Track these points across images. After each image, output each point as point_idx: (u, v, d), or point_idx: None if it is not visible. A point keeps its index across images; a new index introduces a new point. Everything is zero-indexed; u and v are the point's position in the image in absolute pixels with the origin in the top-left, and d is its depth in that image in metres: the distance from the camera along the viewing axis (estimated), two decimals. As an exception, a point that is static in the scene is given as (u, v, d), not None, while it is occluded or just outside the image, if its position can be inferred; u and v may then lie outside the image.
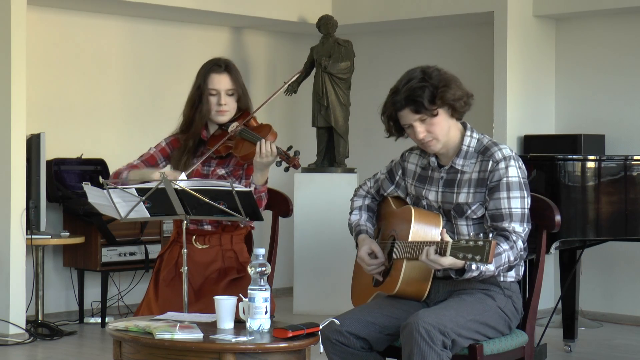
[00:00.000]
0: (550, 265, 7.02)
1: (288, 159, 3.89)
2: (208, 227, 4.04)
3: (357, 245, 3.80)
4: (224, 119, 4.07)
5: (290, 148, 3.93)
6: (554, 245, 5.27)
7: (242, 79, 4.15)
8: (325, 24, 7.64)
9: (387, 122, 3.62)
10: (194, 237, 4.01)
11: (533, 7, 7.35)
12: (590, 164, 5.35)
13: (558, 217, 3.62)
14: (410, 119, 3.53)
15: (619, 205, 5.33)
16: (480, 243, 3.22)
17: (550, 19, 7.52)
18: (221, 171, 4.03)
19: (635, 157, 5.41)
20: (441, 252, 3.31)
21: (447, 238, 3.32)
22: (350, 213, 3.89)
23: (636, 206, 5.35)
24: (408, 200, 3.76)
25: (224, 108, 4.05)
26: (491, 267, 3.37)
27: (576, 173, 5.33)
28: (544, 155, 5.74)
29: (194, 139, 4.07)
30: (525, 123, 7.35)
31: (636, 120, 7.20)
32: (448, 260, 3.30)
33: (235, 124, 4.04)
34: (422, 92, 3.48)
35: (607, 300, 7.25)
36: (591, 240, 5.45)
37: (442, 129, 3.53)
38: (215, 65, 4.09)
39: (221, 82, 4.06)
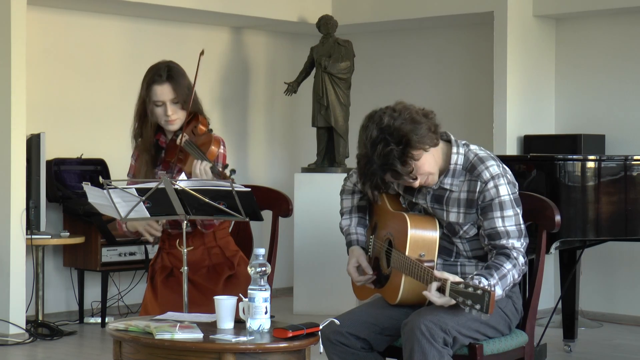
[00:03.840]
0: (550, 265, 7.02)
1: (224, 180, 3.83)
2: (189, 229, 4.03)
3: (348, 251, 3.80)
4: (174, 127, 4.01)
5: (226, 167, 3.86)
6: (554, 245, 5.27)
7: (188, 80, 4.02)
8: (325, 24, 7.64)
9: (371, 191, 3.54)
10: (177, 241, 3.98)
11: (533, 7, 7.35)
12: (590, 164, 5.35)
13: (558, 217, 3.62)
14: (396, 178, 3.47)
15: (619, 205, 5.33)
16: (479, 292, 3.18)
17: (550, 19, 7.52)
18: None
19: (635, 157, 5.41)
20: (440, 290, 3.29)
21: (445, 276, 3.29)
22: (342, 214, 3.88)
23: (636, 206, 5.34)
24: (401, 200, 3.73)
25: (172, 117, 3.98)
26: (499, 292, 3.36)
27: (576, 173, 5.32)
28: (544, 155, 5.74)
29: (148, 151, 4.04)
30: (525, 123, 7.35)
31: (636, 120, 7.21)
32: (454, 301, 3.28)
33: (182, 135, 3.98)
34: (393, 158, 3.38)
35: (607, 300, 7.25)
36: (591, 240, 5.45)
37: (430, 165, 3.47)
38: (156, 76, 3.98)
39: (164, 92, 3.96)
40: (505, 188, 3.48)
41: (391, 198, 3.75)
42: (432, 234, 3.53)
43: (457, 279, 3.29)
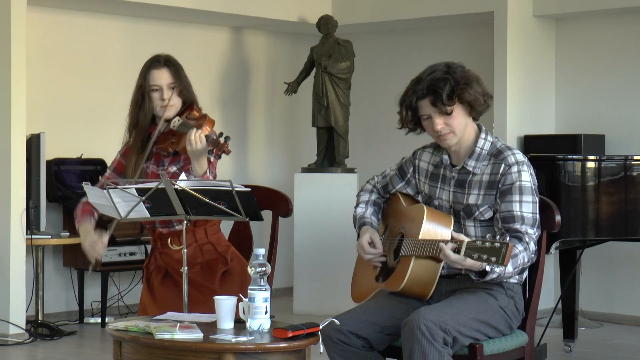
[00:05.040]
0: (550, 265, 7.02)
1: (217, 146, 3.80)
2: (179, 227, 4.02)
3: (358, 237, 3.79)
4: (169, 114, 3.99)
5: (221, 135, 3.84)
6: (554, 245, 5.28)
7: (185, 73, 4.05)
8: (325, 24, 7.64)
9: (404, 111, 3.60)
10: (169, 240, 3.99)
11: (533, 7, 7.36)
12: (590, 164, 5.35)
13: (558, 217, 3.62)
14: (429, 110, 3.53)
15: (619, 205, 5.33)
16: (497, 245, 3.18)
17: (550, 19, 7.52)
18: (173, 168, 3.99)
19: (635, 157, 5.41)
20: (455, 251, 3.30)
21: (462, 237, 3.30)
22: (356, 206, 3.89)
23: (636, 206, 5.35)
24: (419, 198, 3.76)
25: (167, 103, 3.98)
26: (509, 269, 3.35)
27: (576, 173, 5.33)
28: (544, 155, 5.74)
29: (141, 138, 4.02)
30: (525, 123, 7.35)
31: (636, 120, 7.21)
32: (469, 261, 3.27)
33: (176, 119, 3.97)
34: (444, 84, 3.49)
35: (607, 300, 7.25)
36: (591, 240, 5.45)
37: (459, 124, 3.54)
38: (155, 62, 4.02)
39: (162, 77, 3.98)
40: (528, 175, 3.52)
41: (407, 198, 3.80)
42: (445, 231, 3.54)
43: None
